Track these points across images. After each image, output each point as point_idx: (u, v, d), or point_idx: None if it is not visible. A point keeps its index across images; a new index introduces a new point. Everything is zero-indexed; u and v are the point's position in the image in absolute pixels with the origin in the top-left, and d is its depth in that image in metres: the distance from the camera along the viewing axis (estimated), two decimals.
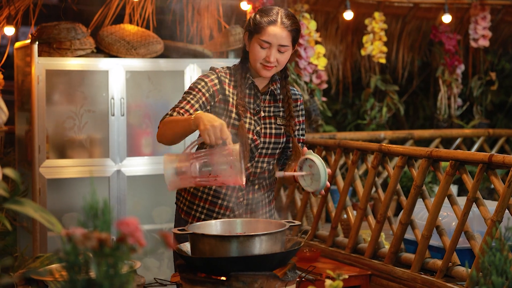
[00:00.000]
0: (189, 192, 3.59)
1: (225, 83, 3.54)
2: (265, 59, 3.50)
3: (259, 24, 3.51)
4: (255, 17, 3.55)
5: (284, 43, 3.51)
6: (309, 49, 6.31)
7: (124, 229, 1.76)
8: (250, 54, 3.55)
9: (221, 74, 3.56)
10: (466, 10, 7.42)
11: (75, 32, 5.37)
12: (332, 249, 4.95)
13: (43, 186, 5.22)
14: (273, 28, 3.49)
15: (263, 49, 3.50)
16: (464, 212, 3.96)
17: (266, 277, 2.80)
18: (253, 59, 3.53)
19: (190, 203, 3.59)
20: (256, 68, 3.54)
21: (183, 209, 3.61)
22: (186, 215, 3.59)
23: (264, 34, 3.49)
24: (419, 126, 7.94)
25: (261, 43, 3.50)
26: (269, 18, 3.51)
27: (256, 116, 3.57)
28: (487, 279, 2.21)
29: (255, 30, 3.52)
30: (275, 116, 3.62)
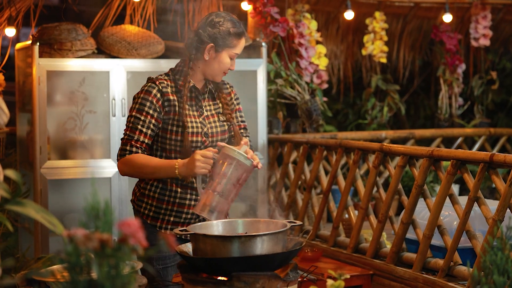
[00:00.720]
0: (154, 198, 3.66)
1: (167, 93, 3.63)
2: (229, 68, 3.69)
3: (233, 39, 3.65)
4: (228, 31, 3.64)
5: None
6: (310, 49, 6.31)
7: (125, 230, 1.77)
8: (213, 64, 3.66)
9: (162, 85, 3.63)
10: (467, 9, 7.42)
11: (76, 33, 5.37)
12: (333, 249, 4.95)
13: (44, 187, 5.22)
14: (242, 40, 3.71)
15: (231, 59, 3.68)
16: (466, 211, 3.96)
17: (267, 277, 2.80)
18: (219, 69, 3.67)
19: (157, 208, 3.66)
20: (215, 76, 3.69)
21: (148, 215, 3.66)
22: (154, 220, 3.65)
23: (238, 47, 3.68)
24: (420, 126, 7.93)
25: (232, 56, 3.67)
26: (240, 30, 3.67)
27: (200, 117, 3.68)
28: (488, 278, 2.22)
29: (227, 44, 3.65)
30: (217, 114, 3.76)
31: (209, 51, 3.66)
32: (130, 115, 3.59)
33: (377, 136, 6.65)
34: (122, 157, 3.55)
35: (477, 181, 3.90)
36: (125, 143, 3.55)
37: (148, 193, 3.66)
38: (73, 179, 5.38)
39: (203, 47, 3.65)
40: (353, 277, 4.55)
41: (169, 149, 3.61)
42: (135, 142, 3.53)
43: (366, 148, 4.80)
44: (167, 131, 3.60)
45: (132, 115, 3.58)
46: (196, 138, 3.61)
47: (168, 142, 3.61)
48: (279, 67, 6.20)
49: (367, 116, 7.23)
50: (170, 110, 3.61)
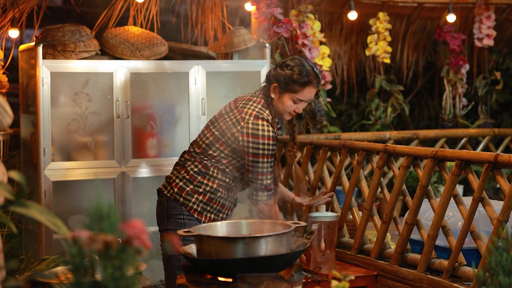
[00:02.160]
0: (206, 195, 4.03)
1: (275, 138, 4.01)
2: (294, 111, 4.02)
3: (296, 85, 3.95)
4: (292, 76, 3.96)
5: (312, 97, 4.05)
6: (314, 50, 6.31)
7: (129, 232, 1.76)
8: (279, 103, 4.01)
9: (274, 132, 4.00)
10: (471, 9, 7.40)
11: (79, 34, 5.37)
12: (338, 249, 4.94)
13: (48, 188, 5.22)
14: (308, 89, 3.97)
15: (294, 104, 3.98)
16: (470, 212, 3.95)
17: (272, 279, 2.80)
18: (283, 109, 4.02)
19: (205, 204, 4.02)
20: (281, 115, 4.05)
21: (196, 209, 4.01)
22: (199, 214, 4.01)
23: (301, 94, 3.97)
24: (424, 126, 7.92)
25: (295, 100, 3.98)
26: (305, 79, 3.95)
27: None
28: (494, 279, 2.21)
29: (290, 89, 3.96)
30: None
31: (273, 90, 3.98)
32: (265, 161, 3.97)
33: (381, 137, 6.64)
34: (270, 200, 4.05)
35: (481, 182, 3.89)
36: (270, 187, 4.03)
37: (201, 190, 4.01)
38: (77, 180, 5.37)
39: (269, 86, 4.00)
40: (358, 278, 4.54)
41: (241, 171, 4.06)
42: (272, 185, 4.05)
43: (370, 149, 4.79)
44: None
45: (269, 161, 3.99)
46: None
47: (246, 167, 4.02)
48: None
49: (371, 117, 7.22)
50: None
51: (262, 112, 3.96)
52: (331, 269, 4.32)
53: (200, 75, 5.57)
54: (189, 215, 3.99)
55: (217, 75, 5.61)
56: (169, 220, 4.02)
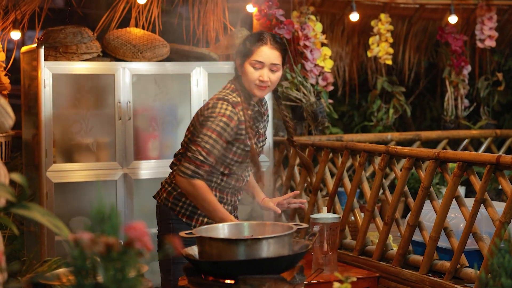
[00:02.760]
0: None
1: (242, 122, 3.75)
2: (259, 79, 3.75)
3: (250, 46, 3.77)
4: (244, 42, 3.82)
5: (276, 61, 3.79)
6: (315, 51, 6.31)
7: (131, 234, 1.76)
8: (244, 77, 3.79)
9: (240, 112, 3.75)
10: (472, 10, 7.40)
11: (81, 36, 5.37)
12: (339, 251, 4.93)
13: (50, 190, 5.22)
14: (264, 48, 3.76)
15: (256, 70, 3.75)
16: (472, 213, 3.95)
17: (274, 280, 2.80)
18: (248, 81, 3.77)
19: (194, 207, 3.85)
20: (251, 90, 3.79)
21: (185, 213, 3.86)
22: (189, 218, 3.86)
23: (256, 54, 3.75)
24: (426, 127, 7.92)
25: (254, 64, 3.75)
26: (259, 39, 3.77)
27: (255, 137, 3.86)
28: (496, 281, 2.21)
29: (246, 53, 3.77)
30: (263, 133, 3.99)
31: (238, 67, 3.83)
32: (209, 134, 3.68)
33: (383, 138, 6.64)
34: (195, 179, 3.66)
35: (483, 183, 3.89)
36: (201, 165, 3.67)
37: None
38: (78, 182, 5.37)
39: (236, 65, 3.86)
40: (360, 280, 4.54)
41: (225, 165, 3.80)
42: (208, 167, 3.69)
43: (372, 150, 4.79)
44: (231, 151, 3.78)
45: (213, 137, 3.68)
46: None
47: (228, 161, 3.79)
48: (284, 70, 6.19)
49: (373, 118, 7.21)
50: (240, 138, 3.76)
51: (227, 95, 3.78)
52: (333, 271, 4.32)
53: (202, 76, 5.57)
54: (178, 219, 3.89)
55: (218, 76, 5.61)
56: (161, 225, 3.98)
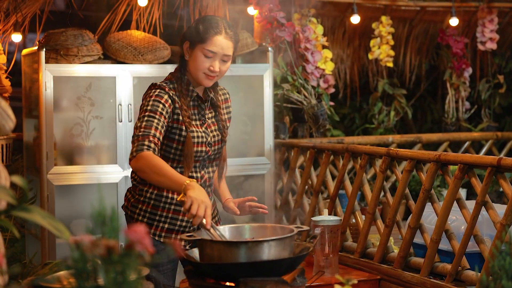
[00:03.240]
0: (149, 204, 3.62)
1: (175, 101, 3.55)
2: (209, 69, 3.54)
3: (203, 33, 3.54)
4: (198, 26, 3.57)
5: (228, 52, 3.57)
6: (316, 54, 6.31)
7: (132, 236, 1.76)
8: (191, 63, 3.57)
9: (171, 93, 3.54)
10: (473, 13, 7.40)
11: (82, 39, 5.37)
12: (341, 253, 4.93)
13: (51, 192, 5.22)
14: (219, 38, 3.54)
15: (207, 58, 3.53)
16: (473, 216, 3.94)
17: (275, 283, 2.79)
18: (196, 68, 3.55)
19: (152, 214, 3.61)
20: (197, 77, 3.57)
21: (142, 221, 3.62)
22: (147, 226, 3.60)
23: (210, 44, 3.53)
24: (427, 130, 7.92)
25: (205, 53, 3.53)
26: (214, 28, 3.54)
27: (203, 126, 3.63)
28: (497, 283, 2.20)
29: (198, 39, 3.54)
30: (216, 122, 3.70)
31: (187, 50, 3.60)
32: (142, 116, 3.47)
33: (384, 141, 6.63)
34: (140, 152, 3.37)
35: (484, 185, 3.89)
36: (142, 139, 3.39)
37: (143, 199, 3.62)
38: (79, 184, 5.37)
39: (183, 47, 3.62)
40: (361, 282, 4.53)
41: (172, 158, 3.57)
42: (153, 138, 3.40)
43: (373, 153, 4.79)
44: (173, 140, 3.55)
45: (145, 114, 3.47)
46: (200, 148, 3.57)
47: (173, 151, 3.56)
48: (285, 72, 6.20)
49: (374, 121, 7.21)
50: (178, 119, 3.54)
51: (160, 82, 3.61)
52: (334, 273, 4.32)
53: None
54: None
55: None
56: None
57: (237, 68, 5.76)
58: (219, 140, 3.67)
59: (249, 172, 5.72)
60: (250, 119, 5.75)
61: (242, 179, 5.78)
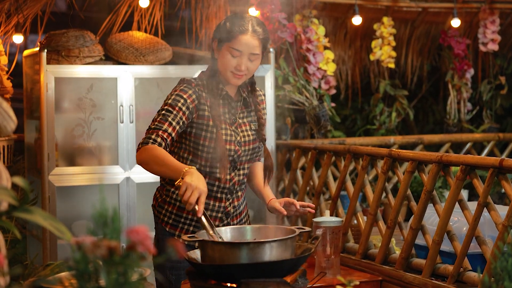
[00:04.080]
0: (174, 205, 3.59)
1: (202, 97, 3.51)
2: (235, 68, 3.50)
3: (230, 32, 3.49)
4: (225, 24, 3.53)
5: (255, 51, 3.53)
6: (318, 55, 6.30)
7: (133, 237, 1.76)
8: (220, 62, 3.53)
9: (198, 88, 3.52)
10: (475, 14, 7.40)
11: (83, 40, 5.38)
12: (342, 255, 4.92)
13: (52, 194, 5.22)
14: (245, 37, 3.49)
15: (233, 57, 3.50)
16: (475, 217, 3.94)
17: (276, 284, 2.79)
18: (223, 67, 3.52)
19: (177, 216, 3.58)
20: (226, 76, 3.53)
21: (168, 222, 3.59)
22: (172, 227, 3.58)
23: (236, 42, 3.48)
24: (428, 131, 7.91)
25: (232, 52, 3.49)
26: (240, 27, 3.49)
27: (233, 125, 3.59)
28: (499, 285, 2.20)
29: (225, 38, 3.50)
30: (249, 123, 3.65)
31: (215, 48, 3.57)
32: (161, 109, 3.46)
33: (386, 142, 6.63)
34: (144, 145, 3.36)
35: (486, 187, 3.88)
36: (151, 133, 3.39)
37: (169, 200, 3.59)
38: (81, 186, 5.37)
39: (212, 45, 3.59)
40: (362, 283, 4.53)
41: (200, 156, 3.52)
42: (162, 133, 3.38)
43: (374, 154, 4.78)
44: (200, 137, 3.51)
45: (164, 108, 3.45)
46: (230, 146, 3.53)
47: (201, 148, 3.51)
48: (287, 73, 6.20)
49: (376, 122, 7.21)
50: (204, 115, 3.51)
51: (189, 78, 3.58)
52: (336, 274, 4.32)
53: None
54: (162, 229, 3.61)
55: None
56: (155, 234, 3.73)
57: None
58: (253, 140, 3.63)
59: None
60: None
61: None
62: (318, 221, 4.33)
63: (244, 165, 3.64)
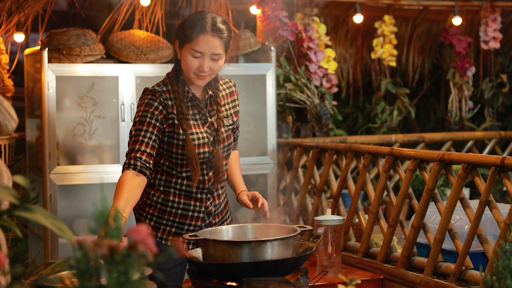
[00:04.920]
0: (156, 207, 3.55)
1: (168, 106, 3.45)
2: (198, 69, 3.41)
3: (189, 32, 3.40)
4: (184, 24, 3.44)
5: (217, 51, 3.43)
6: (319, 53, 6.30)
7: (135, 236, 1.76)
8: (182, 63, 3.45)
9: (163, 97, 3.45)
10: (477, 12, 7.39)
11: (84, 38, 5.37)
12: (344, 253, 4.93)
13: (53, 192, 5.22)
14: (204, 37, 3.39)
15: (195, 58, 3.41)
16: (477, 215, 3.93)
17: (278, 283, 2.79)
18: (186, 68, 3.44)
19: (158, 218, 3.54)
20: (189, 78, 3.46)
21: (149, 224, 3.54)
22: (154, 229, 3.54)
23: (196, 43, 3.39)
24: (430, 129, 7.91)
25: (193, 53, 3.40)
26: (200, 27, 3.39)
27: (205, 126, 3.53)
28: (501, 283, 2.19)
29: (185, 39, 3.41)
30: (223, 118, 3.58)
31: (177, 49, 3.49)
32: (133, 127, 3.44)
33: (387, 140, 6.62)
34: (124, 171, 3.42)
35: (488, 185, 3.88)
36: (127, 157, 3.42)
37: (150, 203, 3.54)
38: (82, 184, 5.37)
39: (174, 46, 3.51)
40: (364, 282, 4.53)
41: (175, 163, 3.49)
42: (135, 153, 3.37)
43: (376, 152, 4.78)
44: (173, 145, 3.46)
45: (135, 127, 3.43)
46: (203, 149, 3.48)
47: (175, 156, 3.48)
48: (288, 71, 6.19)
49: (377, 120, 7.20)
50: (173, 123, 3.45)
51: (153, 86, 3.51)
52: (338, 273, 4.32)
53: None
54: None
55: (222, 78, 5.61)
56: None
57: (240, 68, 5.75)
58: (225, 137, 3.57)
59: (252, 171, 5.71)
60: (253, 118, 5.74)
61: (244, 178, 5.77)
62: (319, 220, 4.33)
63: (224, 162, 3.59)
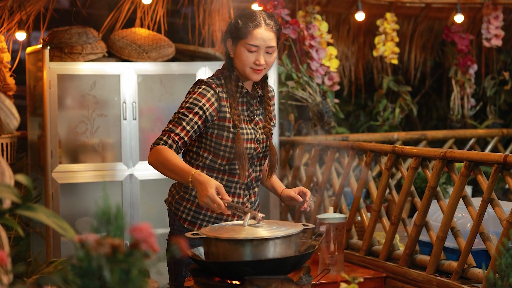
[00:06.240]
0: (193, 202, 3.58)
1: (222, 99, 3.53)
2: (254, 63, 3.51)
3: (243, 29, 3.51)
4: (237, 22, 3.54)
5: (271, 44, 3.53)
6: (321, 51, 6.29)
7: (137, 235, 1.75)
8: (237, 60, 3.54)
9: (218, 90, 3.53)
10: (479, 9, 7.38)
11: (86, 37, 5.37)
12: (346, 251, 4.92)
13: (55, 191, 5.22)
14: (259, 31, 3.50)
15: (251, 53, 3.50)
16: (479, 213, 3.93)
17: (280, 281, 2.78)
18: (242, 64, 3.53)
19: (196, 212, 3.58)
20: (245, 73, 3.54)
21: (186, 219, 3.58)
22: (191, 224, 3.58)
23: (251, 38, 3.50)
24: (432, 127, 7.90)
25: (249, 48, 3.50)
26: (253, 22, 3.51)
27: (252, 123, 3.60)
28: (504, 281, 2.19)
29: (240, 35, 3.52)
30: (263, 119, 3.67)
31: (230, 47, 3.58)
32: (178, 112, 3.49)
33: (389, 138, 6.62)
34: (155, 145, 3.41)
35: (490, 183, 3.87)
36: (163, 134, 3.43)
37: (188, 197, 3.58)
38: (84, 183, 5.37)
39: (226, 45, 3.60)
40: (366, 280, 4.52)
41: (222, 156, 3.53)
42: (174, 135, 3.42)
43: (378, 150, 4.78)
44: (222, 137, 3.52)
45: (180, 111, 3.48)
46: (250, 145, 3.54)
47: (223, 148, 3.52)
48: (290, 69, 6.19)
49: (379, 118, 7.20)
50: (225, 117, 3.52)
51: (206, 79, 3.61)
52: (340, 271, 4.31)
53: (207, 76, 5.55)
54: (180, 225, 3.59)
55: None
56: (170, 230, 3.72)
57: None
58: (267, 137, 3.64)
59: None
60: None
61: None
62: (321, 218, 4.33)
63: (261, 161, 3.66)
